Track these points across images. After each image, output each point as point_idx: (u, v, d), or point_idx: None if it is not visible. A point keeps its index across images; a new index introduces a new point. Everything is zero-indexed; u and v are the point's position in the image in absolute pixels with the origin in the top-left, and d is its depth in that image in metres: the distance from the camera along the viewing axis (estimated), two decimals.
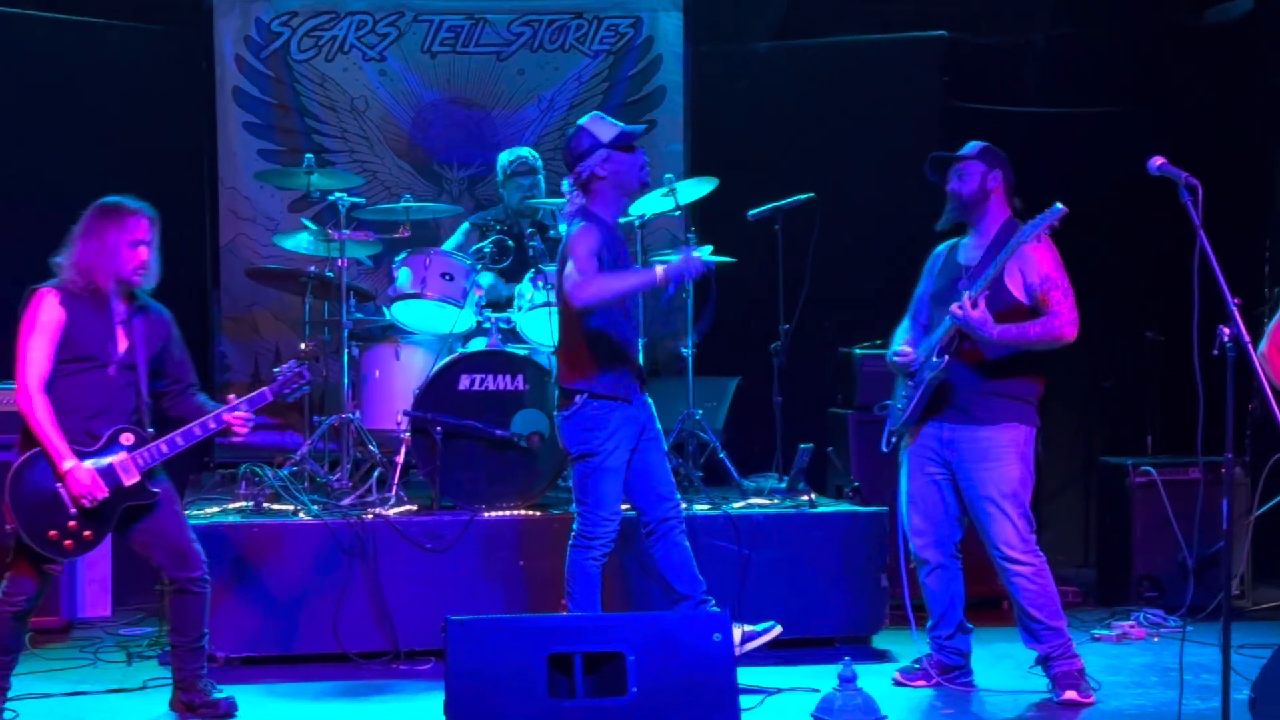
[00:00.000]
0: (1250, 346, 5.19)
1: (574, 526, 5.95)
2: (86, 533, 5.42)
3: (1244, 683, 5.20)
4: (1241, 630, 5.60)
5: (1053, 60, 9.43)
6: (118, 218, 5.52)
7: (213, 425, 5.58)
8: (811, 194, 7.30)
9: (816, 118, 8.94)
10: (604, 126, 5.87)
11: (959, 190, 6.04)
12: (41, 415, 5.37)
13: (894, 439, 6.24)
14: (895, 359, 6.17)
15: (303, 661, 6.60)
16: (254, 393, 5.72)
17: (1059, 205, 5.67)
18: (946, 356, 5.93)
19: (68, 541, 5.40)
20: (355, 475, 7.23)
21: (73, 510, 5.38)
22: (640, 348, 6.33)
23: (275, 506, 6.94)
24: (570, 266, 5.68)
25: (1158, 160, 5.35)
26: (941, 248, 6.21)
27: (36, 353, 5.41)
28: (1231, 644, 5.10)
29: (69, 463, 5.36)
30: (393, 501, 6.94)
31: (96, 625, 7.44)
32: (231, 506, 7.08)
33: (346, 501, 6.98)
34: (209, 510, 6.99)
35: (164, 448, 5.52)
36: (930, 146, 8.61)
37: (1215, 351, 5.10)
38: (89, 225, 5.54)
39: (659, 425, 6.12)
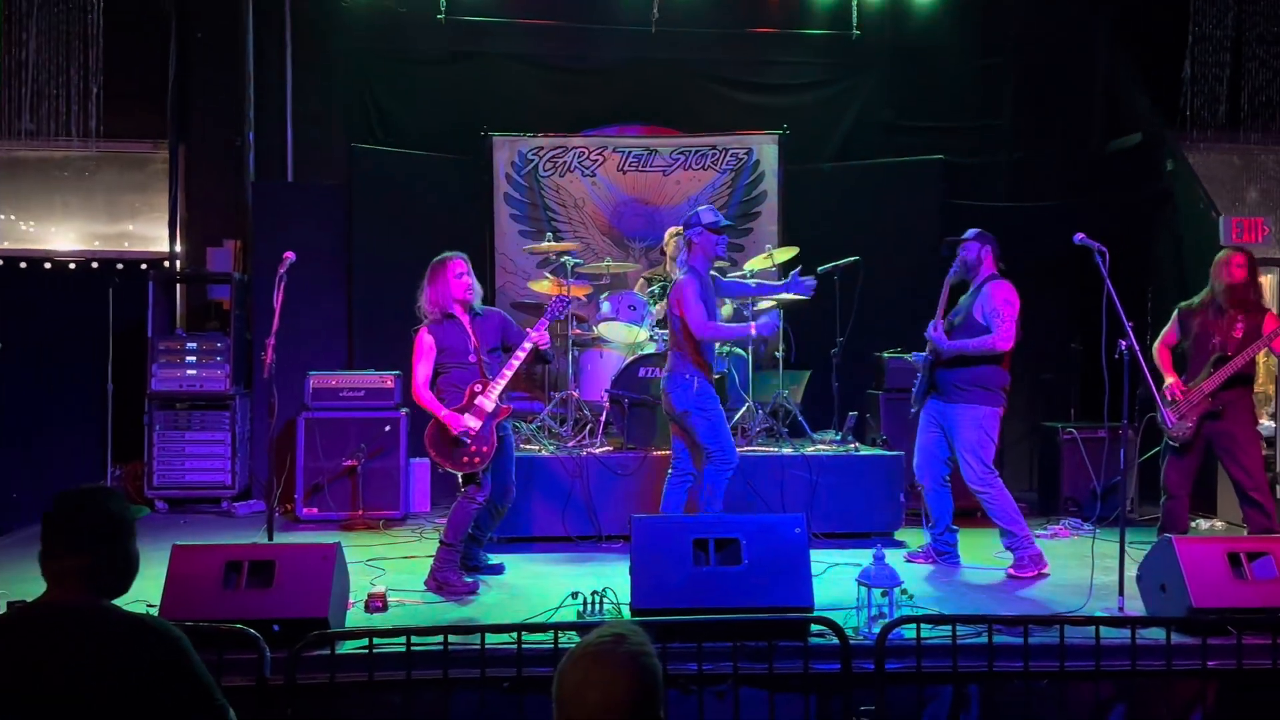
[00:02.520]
0: (1140, 354, 5.05)
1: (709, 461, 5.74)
2: (484, 448, 5.37)
3: (1133, 564, 5.07)
4: (1131, 533, 5.45)
5: (1013, 173, 9.23)
6: (444, 266, 5.50)
7: (520, 353, 5.44)
8: (858, 258, 7.20)
9: (861, 210, 8.80)
10: (709, 215, 5.79)
11: (965, 258, 5.95)
12: (428, 402, 5.40)
13: (914, 408, 6.17)
14: (916, 359, 6.19)
15: (541, 541, 6.66)
16: (538, 321, 5.60)
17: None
18: (932, 356, 5.94)
19: (476, 459, 5.37)
20: (575, 428, 7.27)
21: (467, 441, 5.36)
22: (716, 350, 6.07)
23: (527, 447, 6.99)
24: (686, 309, 5.61)
25: (1079, 235, 5.27)
26: (955, 279, 6.05)
27: (419, 368, 5.44)
28: (1125, 541, 5.05)
29: (444, 413, 5.38)
30: (599, 444, 6.99)
31: (421, 516, 7.59)
32: None
33: (570, 444, 7.03)
34: None
35: (499, 380, 5.42)
36: (935, 231, 8.54)
37: (1116, 356, 5.01)
38: (430, 276, 5.51)
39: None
